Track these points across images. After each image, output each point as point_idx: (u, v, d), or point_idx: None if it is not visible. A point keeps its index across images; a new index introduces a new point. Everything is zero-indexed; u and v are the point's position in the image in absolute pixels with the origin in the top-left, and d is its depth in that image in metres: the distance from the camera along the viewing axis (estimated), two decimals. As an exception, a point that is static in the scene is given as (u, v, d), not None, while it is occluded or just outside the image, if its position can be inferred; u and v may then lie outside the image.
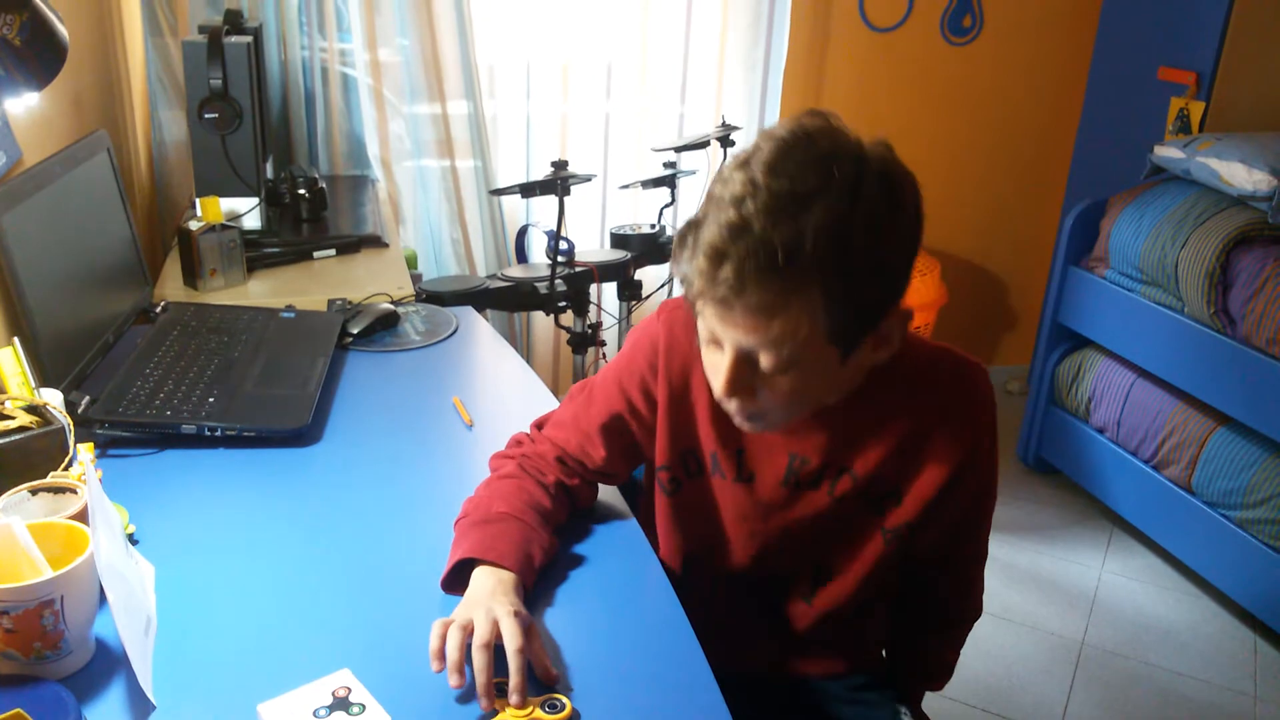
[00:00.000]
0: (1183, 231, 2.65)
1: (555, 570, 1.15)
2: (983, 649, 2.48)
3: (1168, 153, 2.82)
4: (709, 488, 1.21)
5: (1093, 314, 3.00)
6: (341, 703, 0.91)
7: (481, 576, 1.05)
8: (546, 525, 1.15)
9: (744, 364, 0.99)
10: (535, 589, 1.11)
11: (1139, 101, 3.24)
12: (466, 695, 0.94)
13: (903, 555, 1.20)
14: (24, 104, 1.50)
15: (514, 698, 0.92)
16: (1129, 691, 2.37)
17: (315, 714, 0.90)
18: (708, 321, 0.99)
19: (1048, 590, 2.71)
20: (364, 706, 0.91)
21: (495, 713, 0.92)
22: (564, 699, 0.94)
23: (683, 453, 1.21)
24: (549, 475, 1.21)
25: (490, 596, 1.01)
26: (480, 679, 0.93)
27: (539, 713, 0.92)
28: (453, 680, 0.93)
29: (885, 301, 0.98)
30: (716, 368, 1.02)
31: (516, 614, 0.98)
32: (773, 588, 1.26)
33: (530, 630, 0.98)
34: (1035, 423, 3.24)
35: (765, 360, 0.97)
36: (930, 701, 1.38)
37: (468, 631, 0.96)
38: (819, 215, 0.90)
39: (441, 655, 0.95)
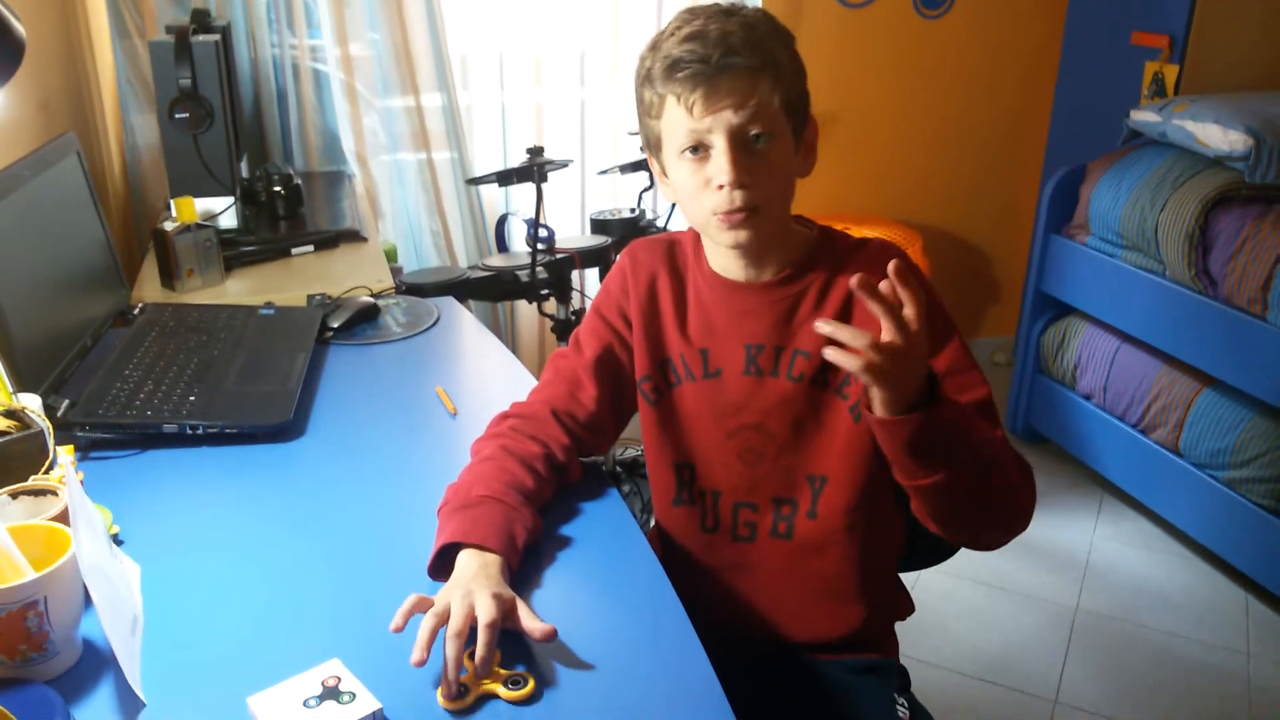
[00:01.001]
0: (1161, 194, 2.66)
1: (540, 549, 1.15)
2: (977, 618, 2.49)
3: (1144, 117, 2.82)
4: (685, 394, 1.28)
5: (1075, 281, 3.00)
6: (331, 691, 0.91)
7: (465, 560, 1.06)
8: (529, 504, 1.16)
9: (737, 148, 1.12)
10: (521, 568, 1.10)
11: (1113, 67, 3.24)
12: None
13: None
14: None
15: (478, 666, 0.93)
16: (1124, 655, 2.38)
17: (305, 704, 0.89)
18: (690, 127, 1.13)
19: (1040, 558, 2.72)
20: (354, 695, 0.90)
21: (465, 690, 0.93)
22: (527, 676, 0.94)
23: (660, 362, 1.28)
24: (537, 444, 1.22)
25: (472, 579, 1.01)
26: (449, 671, 0.92)
27: (501, 689, 0.93)
28: (414, 655, 0.93)
29: (807, 100, 1.19)
30: (714, 169, 1.13)
31: (495, 595, 0.98)
32: (775, 508, 1.26)
33: (511, 610, 0.99)
34: (1023, 392, 3.25)
35: (756, 127, 1.12)
36: (924, 673, 1.37)
37: (443, 618, 0.96)
38: (749, 14, 1.16)
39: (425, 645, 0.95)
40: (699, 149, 1.14)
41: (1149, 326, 2.75)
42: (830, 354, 0.98)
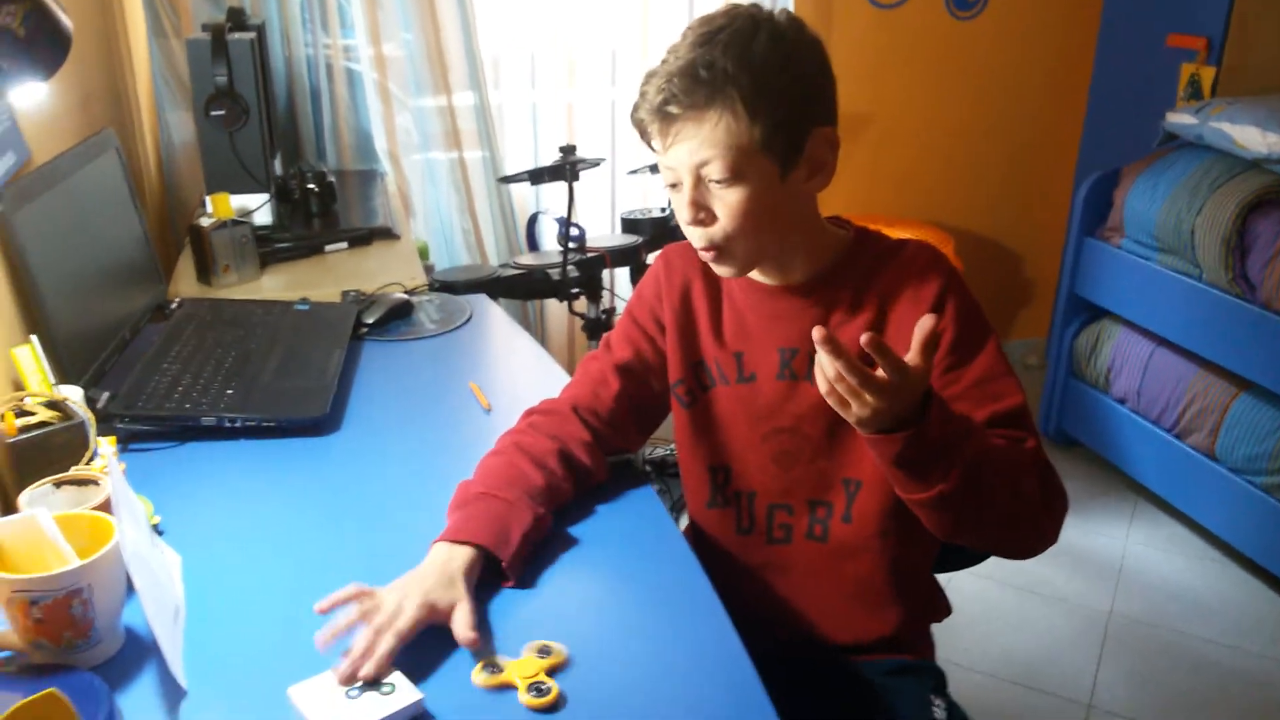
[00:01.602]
0: (1198, 198, 2.63)
1: (575, 545, 1.15)
2: (1011, 622, 2.47)
3: (1180, 119, 2.80)
4: (719, 397, 1.27)
5: (1109, 284, 2.98)
6: (372, 683, 0.91)
7: (432, 554, 1.06)
8: (535, 501, 1.14)
9: (700, 186, 1.12)
10: (545, 555, 1.11)
11: (1148, 69, 3.21)
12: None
13: None
14: (33, 98, 1.50)
15: (343, 663, 0.91)
16: (1158, 660, 2.35)
17: (347, 695, 0.90)
18: (661, 161, 1.14)
19: (1074, 563, 2.70)
20: (394, 686, 0.90)
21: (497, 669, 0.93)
22: (557, 645, 0.95)
23: (692, 366, 1.28)
24: (553, 441, 1.22)
25: (420, 579, 1.01)
26: (348, 659, 0.92)
27: (525, 695, 0.91)
28: (319, 636, 0.94)
29: (803, 121, 1.11)
30: (679, 204, 1.14)
31: (426, 604, 0.98)
32: (810, 511, 1.25)
33: (441, 618, 0.98)
34: (1055, 396, 3.23)
35: (715, 170, 1.09)
36: (956, 675, 1.35)
37: (373, 612, 0.97)
38: (726, 37, 1.08)
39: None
40: (676, 185, 1.14)
41: (1185, 330, 2.72)
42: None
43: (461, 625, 0.97)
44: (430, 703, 0.90)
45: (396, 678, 0.92)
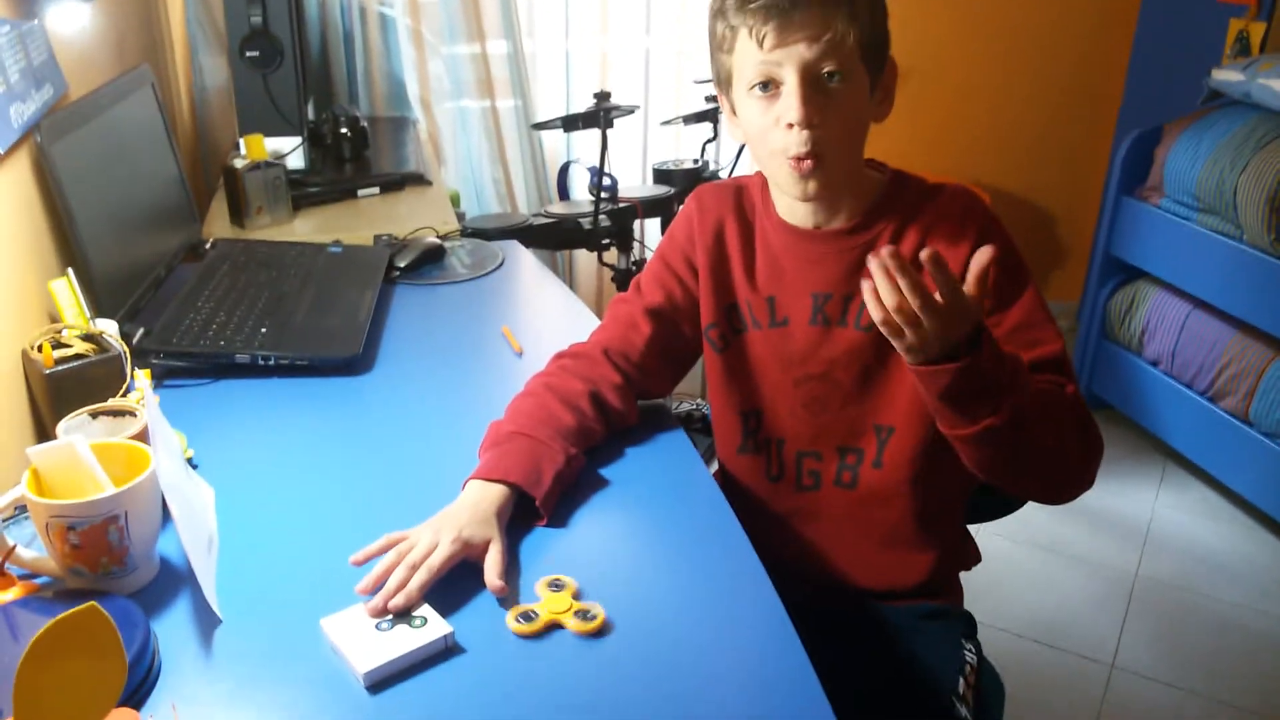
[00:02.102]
0: (1242, 157, 2.57)
1: (607, 487, 1.15)
2: (1035, 581, 2.47)
3: (1227, 76, 2.74)
4: (752, 341, 1.26)
5: (1147, 244, 2.93)
6: (403, 615, 0.92)
7: (465, 493, 1.07)
8: (567, 440, 1.15)
9: (809, 86, 1.08)
10: (576, 495, 1.11)
11: (1195, 24, 3.14)
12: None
13: None
14: (75, 26, 1.49)
15: (377, 600, 0.92)
16: (1184, 623, 2.34)
17: (378, 627, 0.90)
18: (761, 60, 1.09)
19: (1100, 524, 2.68)
20: (425, 620, 0.91)
21: (533, 618, 0.93)
22: (598, 609, 0.94)
23: (725, 309, 1.27)
24: (583, 382, 1.22)
25: (453, 516, 1.02)
26: (383, 595, 0.93)
27: (571, 620, 0.92)
28: (358, 587, 0.95)
29: (887, 41, 1.14)
30: (783, 107, 1.09)
31: (461, 540, 0.99)
32: (840, 457, 1.25)
33: (476, 555, 0.99)
34: (1086, 357, 3.19)
35: (829, 64, 1.08)
36: (981, 632, 1.35)
37: (405, 550, 0.98)
38: None
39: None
40: (769, 85, 1.10)
41: (1223, 292, 2.68)
42: (866, 294, 0.97)
43: (492, 572, 0.98)
44: (460, 636, 0.91)
45: (427, 611, 0.92)
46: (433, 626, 0.90)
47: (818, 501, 1.27)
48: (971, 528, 1.37)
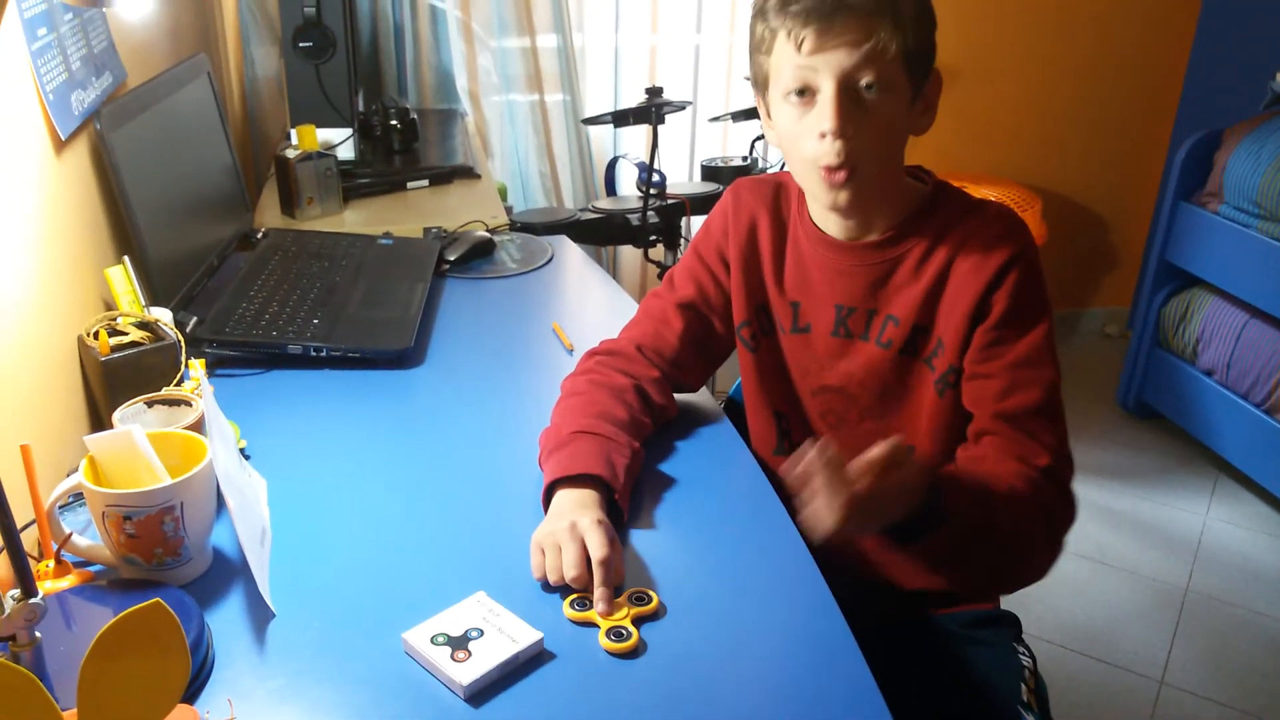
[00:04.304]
0: (1306, 163, 2.52)
1: (658, 480, 1.14)
2: (1081, 592, 2.42)
3: (1291, 80, 2.67)
4: (779, 344, 1.25)
5: (1204, 251, 2.87)
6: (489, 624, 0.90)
7: (561, 497, 1.05)
8: (625, 432, 1.14)
9: (845, 95, 1.05)
10: (638, 495, 1.10)
11: (1257, 25, 3.07)
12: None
13: (964, 418, 1.15)
14: (136, 14, 1.49)
15: (599, 606, 0.93)
16: (1234, 639, 2.29)
17: (467, 635, 0.88)
18: (798, 65, 1.05)
19: (1149, 536, 2.63)
20: (510, 629, 0.89)
21: (586, 605, 0.94)
22: (651, 592, 0.94)
23: (757, 308, 1.25)
24: (625, 377, 1.21)
25: (571, 512, 1.01)
26: (597, 592, 0.94)
27: (629, 606, 0.93)
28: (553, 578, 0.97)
29: (933, 51, 1.09)
30: (817, 115, 1.06)
31: (599, 522, 0.99)
32: None
33: (612, 541, 0.98)
34: (1138, 366, 3.14)
35: (868, 75, 1.04)
36: (1027, 642, 1.32)
37: (557, 568, 0.97)
38: None
39: (551, 571, 0.97)
40: (805, 92, 1.06)
41: (1282, 302, 2.62)
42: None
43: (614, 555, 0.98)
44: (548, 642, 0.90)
45: (510, 619, 0.90)
46: (523, 633, 0.89)
47: None
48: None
